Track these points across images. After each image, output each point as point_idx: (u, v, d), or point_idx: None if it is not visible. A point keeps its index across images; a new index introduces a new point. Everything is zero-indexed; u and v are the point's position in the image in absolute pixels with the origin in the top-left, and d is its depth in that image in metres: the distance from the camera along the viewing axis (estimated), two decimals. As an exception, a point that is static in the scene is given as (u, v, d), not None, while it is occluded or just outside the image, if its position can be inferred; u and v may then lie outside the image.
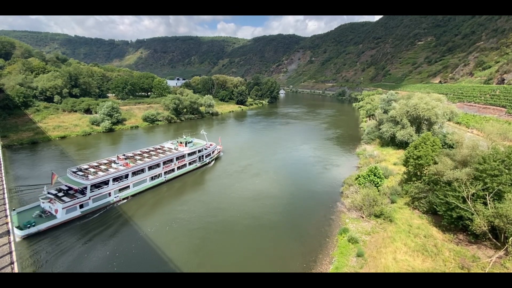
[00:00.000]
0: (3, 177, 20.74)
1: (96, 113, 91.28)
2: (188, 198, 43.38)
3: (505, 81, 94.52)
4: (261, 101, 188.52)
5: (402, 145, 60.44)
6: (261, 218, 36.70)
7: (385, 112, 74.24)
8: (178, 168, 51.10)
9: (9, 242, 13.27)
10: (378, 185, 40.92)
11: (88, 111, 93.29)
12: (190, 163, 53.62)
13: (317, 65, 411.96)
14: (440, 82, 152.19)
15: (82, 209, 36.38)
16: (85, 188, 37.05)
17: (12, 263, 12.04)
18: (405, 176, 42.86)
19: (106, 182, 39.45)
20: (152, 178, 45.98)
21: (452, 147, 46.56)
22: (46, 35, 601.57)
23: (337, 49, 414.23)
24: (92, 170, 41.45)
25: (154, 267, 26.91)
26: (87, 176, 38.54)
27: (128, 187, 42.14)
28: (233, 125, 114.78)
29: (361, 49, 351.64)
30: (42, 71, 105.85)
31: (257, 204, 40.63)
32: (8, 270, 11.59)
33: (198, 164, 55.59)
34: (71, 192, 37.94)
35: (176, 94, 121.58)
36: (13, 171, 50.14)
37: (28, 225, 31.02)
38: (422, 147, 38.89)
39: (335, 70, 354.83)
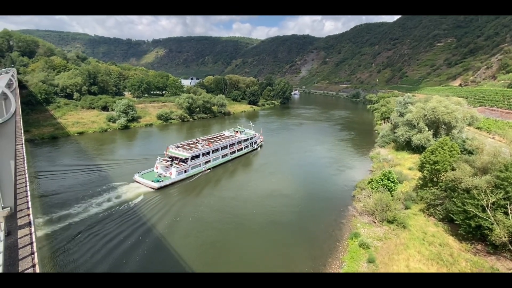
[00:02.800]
0: (26, 170, 21.76)
1: (112, 110, 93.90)
2: (207, 192, 44.74)
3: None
4: (273, 101, 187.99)
5: (418, 149, 58.64)
6: (274, 217, 37.08)
7: (401, 115, 72.29)
8: (238, 150, 63.47)
9: (30, 233, 13.91)
10: (391, 190, 39.87)
11: (105, 108, 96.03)
12: (244, 147, 66.01)
13: (331, 66, 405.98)
14: (460, 85, 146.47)
15: (186, 173, 48.79)
16: (187, 158, 49.15)
17: (32, 253, 12.64)
18: (421, 181, 41.63)
19: (198, 156, 51.61)
20: (223, 156, 58.52)
21: (471, 153, 44.83)
22: (68, 35, 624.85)
23: (352, 50, 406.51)
24: (186, 147, 53.41)
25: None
26: (188, 150, 50.80)
27: (209, 161, 54.55)
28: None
29: (377, 50, 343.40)
30: (63, 69, 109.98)
31: (271, 203, 41.27)
32: (29, 260, 12.19)
33: (250, 149, 68.11)
34: (175, 161, 49.78)
35: (189, 93, 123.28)
36: (34, 164, 52.41)
37: (158, 181, 44.34)
38: (439, 152, 37.60)
39: (350, 71, 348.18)
